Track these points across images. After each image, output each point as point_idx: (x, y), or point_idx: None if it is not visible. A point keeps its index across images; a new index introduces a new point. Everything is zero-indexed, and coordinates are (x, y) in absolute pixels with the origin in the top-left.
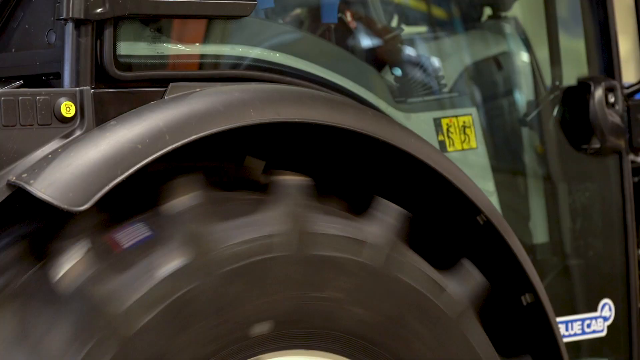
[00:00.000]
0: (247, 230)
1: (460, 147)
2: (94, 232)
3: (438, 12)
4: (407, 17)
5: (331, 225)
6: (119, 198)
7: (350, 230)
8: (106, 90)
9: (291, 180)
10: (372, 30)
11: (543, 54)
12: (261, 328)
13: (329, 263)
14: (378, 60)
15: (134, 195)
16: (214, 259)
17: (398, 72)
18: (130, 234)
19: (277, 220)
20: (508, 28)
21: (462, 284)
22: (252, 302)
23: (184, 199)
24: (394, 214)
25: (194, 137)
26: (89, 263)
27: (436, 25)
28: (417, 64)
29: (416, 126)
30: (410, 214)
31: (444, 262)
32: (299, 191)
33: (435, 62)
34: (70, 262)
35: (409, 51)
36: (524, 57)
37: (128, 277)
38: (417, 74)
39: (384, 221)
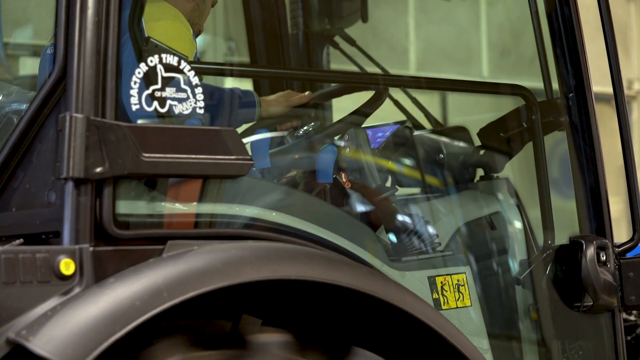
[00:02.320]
0: None
1: (454, 305)
2: None
3: (431, 174)
4: (402, 178)
5: None
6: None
7: None
8: (105, 248)
9: (269, 336)
10: (367, 190)
11: (535, 213)
12: None
13: None
14: (373, 219)
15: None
16: None
17: (392, 231)
18: None
19: None
20: (500, 189)
21: None
22: None
23: None
24: None
25: (191, 294)
26: None
27: (430, 186)
28: (411, 223)
29: (411, 284)
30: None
31: None
32: (276, 349)
33: (429, 221)
34: None
35: (403, 211)
36: (517, 216)
37: None
38: (412, 233)
39: None
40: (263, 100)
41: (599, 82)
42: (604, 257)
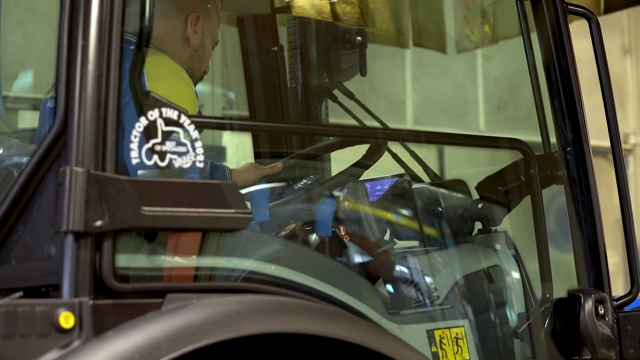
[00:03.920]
0: None
1: (453, 358)
2: None
3: (430, 227)
4: (400, 231)
5: None
6: None
7: None
8: (105, 301)
9: None
10: (365, 243)
11: (533, 266)
12: None
13: None
14: (371, 272)
15: None
16: None
17: (391, 285)
18: None
19: None
20: (498, 242)
21: None
22: None
23: None
24: None
25: (190, 347)
26: None
27: (428, 239)
28: (410, 277)
29: (409, 338)
30: None
31: None
32: None
33: (428, 275)
34: None
35: (402, 264)
36: (515, 270)
37: None
38: (410, 287)
39: None
40: (234, 171)
41: (595, 136)
42: (602, 311)
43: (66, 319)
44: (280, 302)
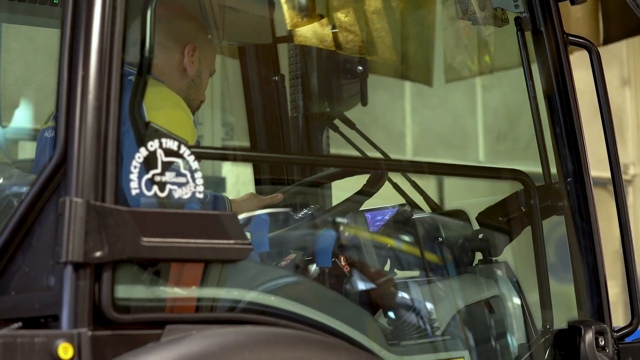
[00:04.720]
0: None
1: None
2: None
3: (431, 257)
4: (401, 261)
5: None
6: None
7: None
8: (104, 332)
9: None
10: (366, 274)
11: (534, 297)
12: None
13: None
14: (372, 303)
15: None
16: None
17: (391, 315)
18: None
19: None
20: (499, 272)
21: None
22: None
23: None
24: None
25: None
26: None
27: (429, 270)
28: (410, 307)
29: None
30: None
31: None
32: None
33: (428, 305)
34: None
35: (402, 295)
36: (515, 300)
37: None
38: (410, 317)
39: None
40: (234, 202)
41: (595, 167)
42: (603, 342)
43: (65, 350)
44: (279, 333)
